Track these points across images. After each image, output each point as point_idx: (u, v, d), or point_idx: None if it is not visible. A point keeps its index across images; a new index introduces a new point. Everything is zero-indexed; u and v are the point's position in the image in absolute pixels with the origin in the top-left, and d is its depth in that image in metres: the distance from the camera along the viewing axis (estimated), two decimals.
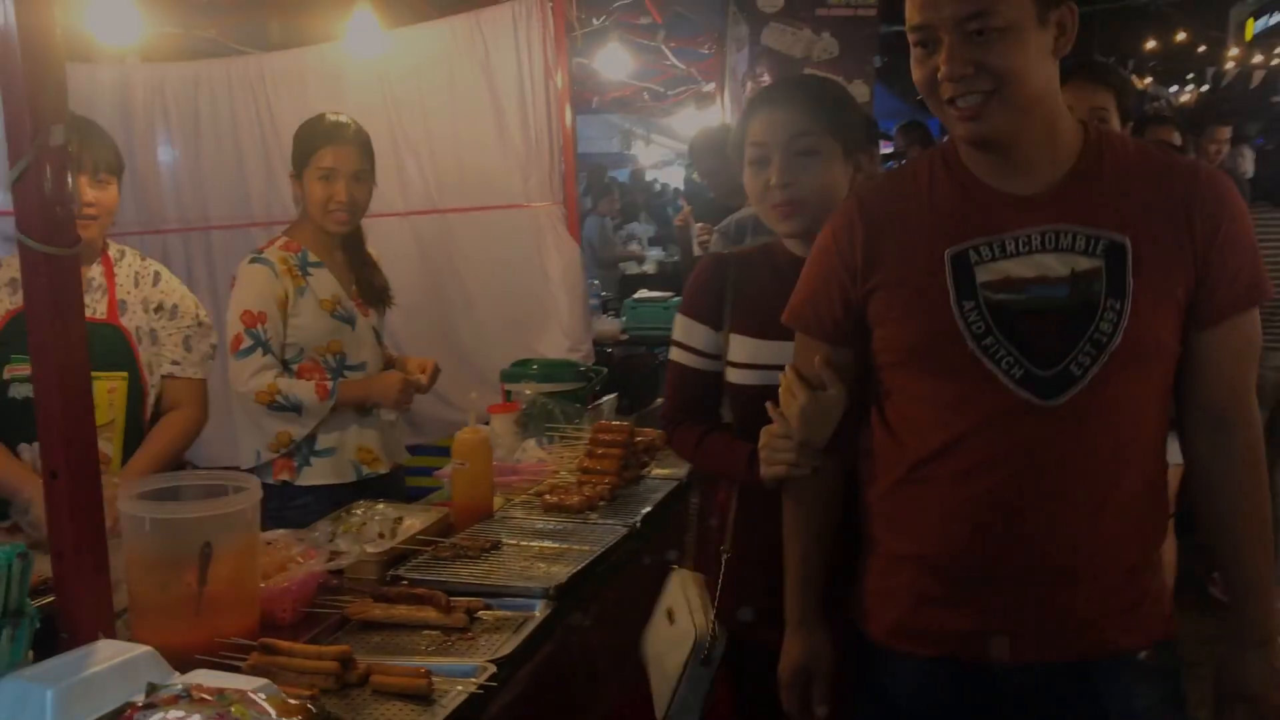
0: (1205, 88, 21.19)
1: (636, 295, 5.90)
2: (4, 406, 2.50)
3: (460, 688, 1.71)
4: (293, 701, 1.23)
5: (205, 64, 4.44)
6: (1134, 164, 1.62)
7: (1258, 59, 17.09)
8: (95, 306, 2.54)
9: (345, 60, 4.15)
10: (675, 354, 2.20)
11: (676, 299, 5.60)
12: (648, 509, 2.63)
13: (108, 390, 2.56)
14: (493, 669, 1.78)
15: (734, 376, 2.11)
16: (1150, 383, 1.59)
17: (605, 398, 3.52)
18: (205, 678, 1.32)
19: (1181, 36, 19.72)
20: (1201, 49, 20.16)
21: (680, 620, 2.06)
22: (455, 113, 4.10)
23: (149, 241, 3.99)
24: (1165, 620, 1.66)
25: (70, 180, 1.53)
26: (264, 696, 1.20)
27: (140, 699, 1.21)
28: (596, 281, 6.13)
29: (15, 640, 1.43)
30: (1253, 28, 21.79)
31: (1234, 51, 17.77)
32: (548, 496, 2.69)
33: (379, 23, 3.97)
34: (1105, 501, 1.57)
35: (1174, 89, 24.69)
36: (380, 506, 2.56)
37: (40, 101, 1.49)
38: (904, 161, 5.62)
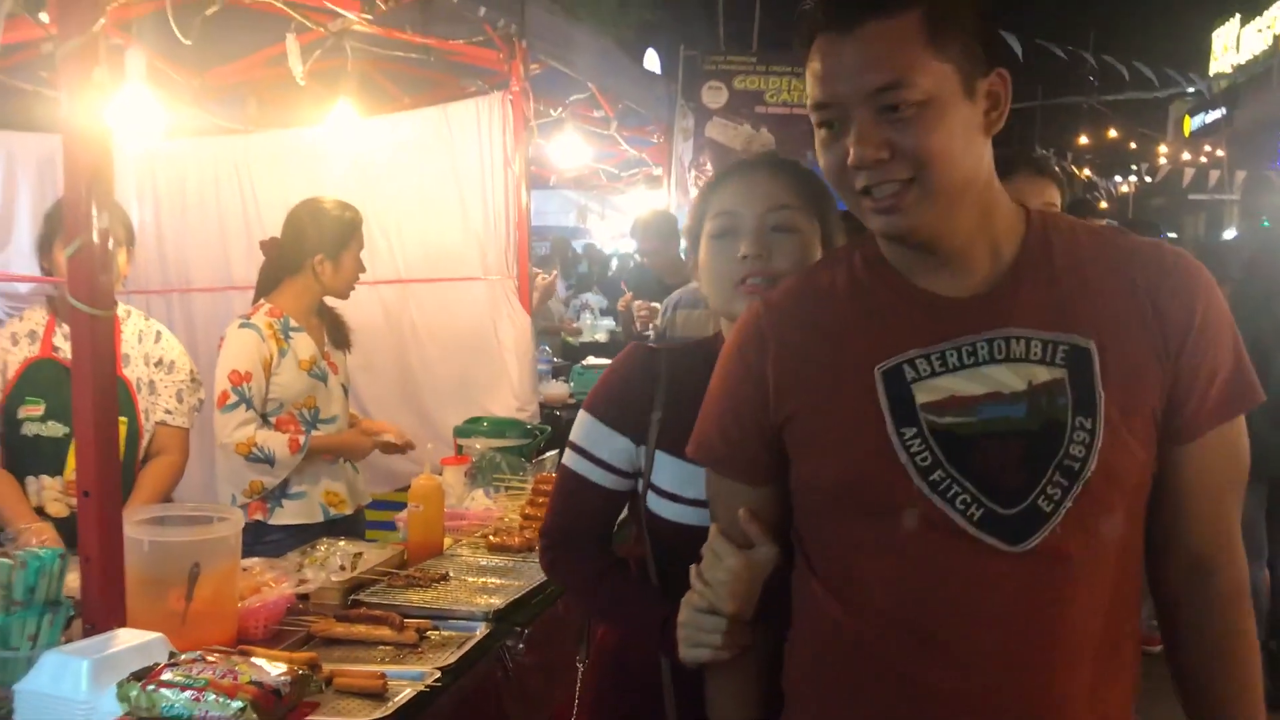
0: (1149, 179, 22.17)
1: (584, 362, 6.20)
2: (17, 442, 2.83)
3: (409, 688, 1.99)
4: (283, 665, 1.57)
5: (193, 141, 4.77)
6: (1088, 252, 1.35)
7: (1186, 156, 17.92)
8: None
9: (324, 143, 4.49)
10: (574, 461, 1.80)
11: None
12: None
13: None
14: (437, 674, 2.07)
15: (658, 506, 1.74)
16: (1132, 511, 1.33)
17: (548, 453, 3.80)
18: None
19: (1114, 134, 20.72)
20: (1132, 145, 21.07)
21: None
22: (422, 193, 4.44)
23: (134, 301, 4.24)
24: None
25: (111, 254, 1.89)
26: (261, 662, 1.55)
27: (164, 663, 1.55)
28: (548, 348, 6.46)
29: (54, 625, 1.76)
30: (1189, 125, 22.85)
31: (1164, 149, 18.61)
32: (492, 537, 2.95)
33: (357, 111, 4.37)
34: (1088, 654, 1.30)
35: (1117, 179, 25.73)
36: (342, 543, 2.84)
37: (94, 190, 1.84)
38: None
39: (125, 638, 1.76)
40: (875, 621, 1.32)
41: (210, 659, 1.55)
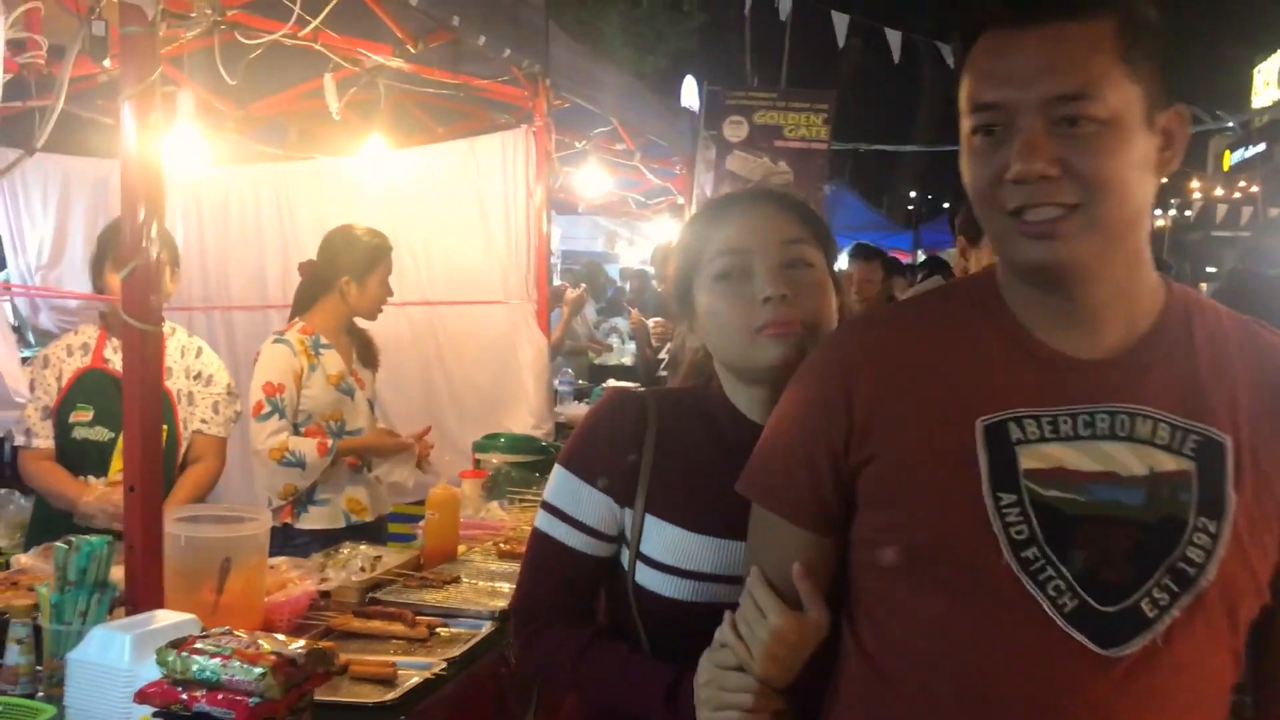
0: (1189, 213, 22.16)
1: (607, 384, 6.41)
2: (69, 444, 3.08)
3: (417, 676, 2.19)
4: (301, 642, 1.78)
5: (236, 168, 5.02)
6: (1232, 339, 1.20)
7: (1220, 192, 17.86)
8: None
9: (358, 171, 4.72)
10: (548, 523, 1.56)
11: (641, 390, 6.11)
12: None
13: None
14: (444, 665, 2.26)
15: (651, 580, 1.50)
16: (1237, 632, 1.17)
17: None
18: None
19: None
20: (1163, 180, 21.01)
21: None
22: (448, 220, 4.67)
23: (177, 316, 4.43)
24: None
25: (161, 276, 2.12)
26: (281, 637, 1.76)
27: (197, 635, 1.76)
28: (570, 370, 6.65)
29: (101, 603, 1.98)
30: (1229, 159, 22.81)
31: (1196, 184, 18.56)
32: (502, 545, 3.15)
33: (388, 143, 4.61)
34: None
35: (1156, 211, 25.72)
36: (363, 547, 3.04)
37: (147, 216, 2.06)
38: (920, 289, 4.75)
39: (163, 617, 1.97)
40: (929, 711, 1.17)
41: (237, 634, 1.76)
